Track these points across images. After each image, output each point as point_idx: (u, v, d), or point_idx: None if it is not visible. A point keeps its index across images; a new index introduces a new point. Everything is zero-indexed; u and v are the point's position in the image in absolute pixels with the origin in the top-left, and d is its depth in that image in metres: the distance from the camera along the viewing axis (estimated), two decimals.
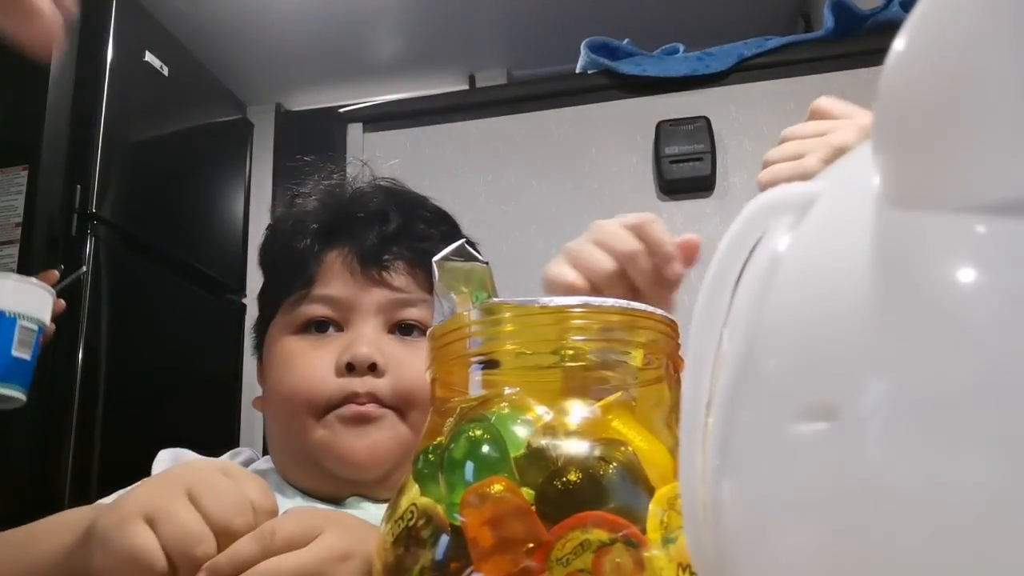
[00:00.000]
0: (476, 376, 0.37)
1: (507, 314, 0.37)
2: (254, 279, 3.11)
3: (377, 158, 1.52)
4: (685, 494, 0.28)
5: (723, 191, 1.43)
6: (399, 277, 0.76)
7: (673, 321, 0.39)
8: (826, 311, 0.23)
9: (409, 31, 2.99)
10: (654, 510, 0.32)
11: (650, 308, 0.38)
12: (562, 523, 0.30)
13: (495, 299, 0.40)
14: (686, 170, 1.42)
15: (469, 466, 0.33)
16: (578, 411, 0.36)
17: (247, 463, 0.80)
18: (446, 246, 0.82)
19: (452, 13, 2.85)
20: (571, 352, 0.37)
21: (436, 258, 0.41)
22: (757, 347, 0.25)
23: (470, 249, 0.43)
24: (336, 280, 0.75)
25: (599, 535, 0.30)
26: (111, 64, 2.16)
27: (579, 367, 0.37)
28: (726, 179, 1.44)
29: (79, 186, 2.06)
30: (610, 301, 0.37)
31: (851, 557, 0.21)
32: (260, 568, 0.43)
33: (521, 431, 0.34)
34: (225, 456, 0.81)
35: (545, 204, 1.50)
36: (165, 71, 2.40)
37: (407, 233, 0.78)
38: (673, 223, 1.45)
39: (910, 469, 0.20)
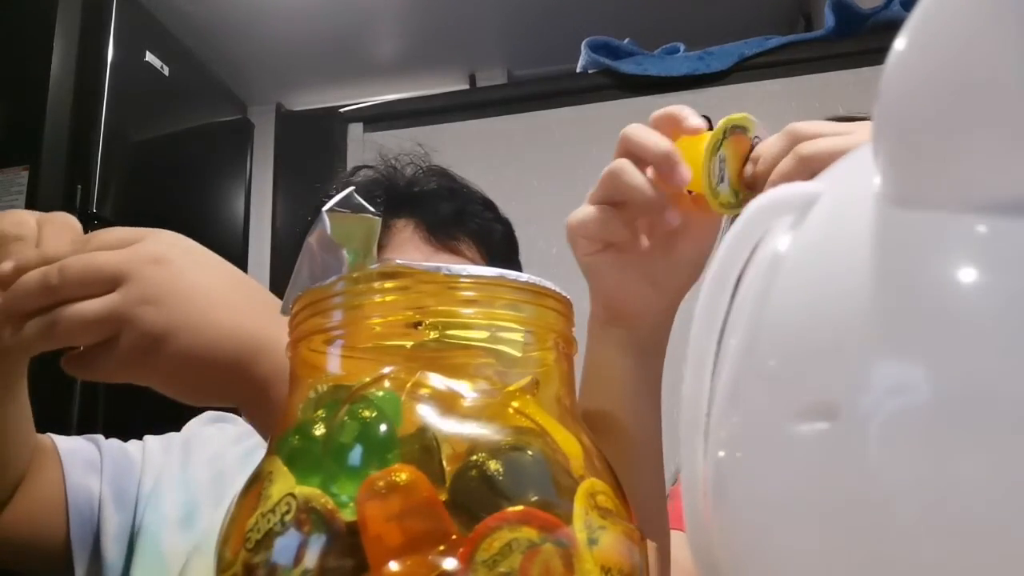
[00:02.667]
0: (335, 352, 0.33)
1: (377, 282, 0.32)
2: (254, 279, 3.11)
3: (377, 158, 1.52)
4: (686, 494, 0.28)
5: None
6: (468, 250, 0.79)
7: (566, 298, 0.35)
8: (826, 311, 0.23)
9: (409, 31, 2.99)
10: (578, 508, 0.29)
11: (545, 283, 0.33)
12: (487, 520, 0.27)
13: (375, 261, 0.35)
14: None
15: (360, 452, 0.29)
16: (479, 395, 0.31)
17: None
18: (504, 232, 0.85)
19: (452, 13, 2.85)
20: (451, 329, 0.32)
21: (325, 207, 0.36)
22: (757, 347, 0.25)
23: (359, 199, 0.37)
24: (407, 246, 0.77)
25: (528, 534, 0.27)
26: (111, 64, 2.16)
27: (460, 346, 0.32)
28: None
29: (79, 186, 2.06)
30: (501, 272, 0.32)
31: (851, 556, 0.21)
32: (69, 259, 0.41)
33: (416, 414, 0.30)
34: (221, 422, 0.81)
35: (545, 204, 1.49)
36: (165, 71, 2.40)
37: (468, 212, 0.82)
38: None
39: (910, 469, 0.20)
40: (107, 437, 0.74)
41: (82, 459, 0.68)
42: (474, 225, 0.81)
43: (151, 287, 0.41)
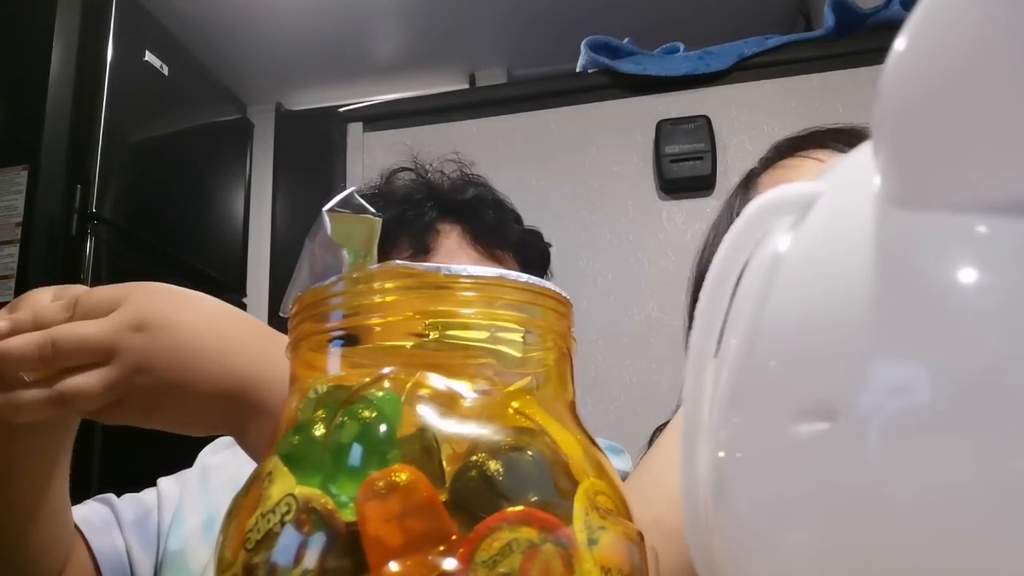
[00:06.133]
0: (336, 352, 0.33)
1: (378, 282, 0.32)
2: (254, 279, 3.10)
3: (377, 158, 1.52)
4: (685, 494, 0.28)
5: (723, 190, 1.43)
6: (509, 261, 0.81)
7: (566, 298, 0.35)
8: (827, 311, 0.23)
9: (409, 31, 2.99)
10: (578, 508, 0.29)
11: (545, 283, 0.34)
12: (487, 520, 0.27)
13: (375, 261, 0.35)
14: (686, 169, 1.42)
15: (360, 452, 0.29)
16: (479, 395, 0.31)
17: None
18: (534, 244, 0.86)
19: (452, 13, 2.85)
20: (452, 329, 0.32)
21: (326, 208, 0.36)
22: (757, 347, 0.25)
23: (359, 199, 0.37)
24: (458, 252, 0.79)
25: (528, 534, 0.27)
26: (111, 64, 2.16)
27: (460, 346, 0.32)
28: (726, 178, 1.44)
29: (79, 186, 2.06)
30: (501, 272, 0.33)
31: (851, 557, 0.21)
32: (59, 331, 0.44)
33: (416, 415, 0.30)
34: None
35: (545, 204, 1.49)
36: (165, 71, 2.40)
37: (507, 221, 0.85)
38: (674, 222, 1.45)
39: (910, 469, 0.20)
40: (103, 482, 0.74)
41: (99, 520, 0.70)
42: (514, 237, 0.84)
43: (138, 356, 0.44)
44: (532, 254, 0.87)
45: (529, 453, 0.30)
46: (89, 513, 0.70)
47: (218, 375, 0.45)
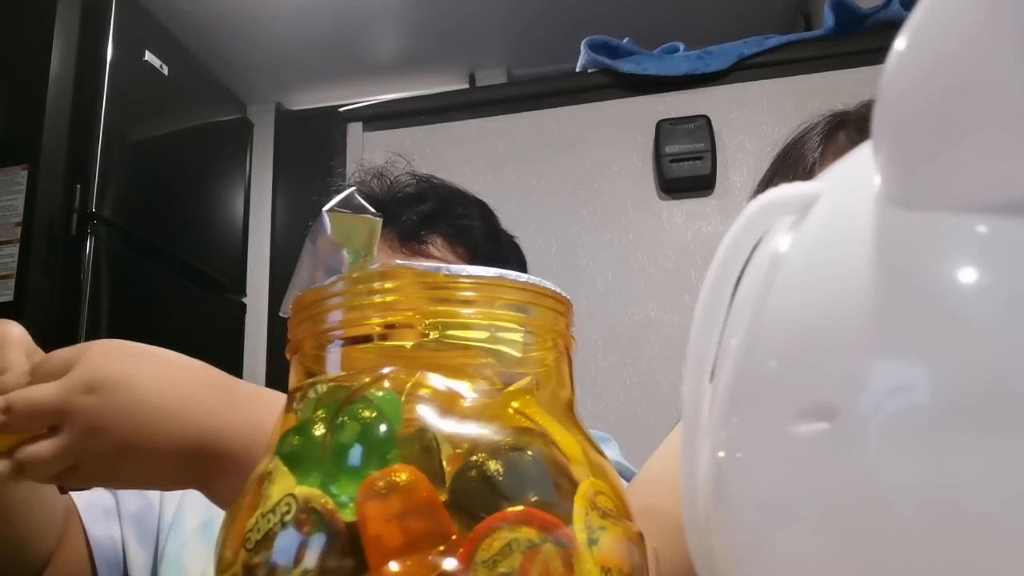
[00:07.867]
0: (335, 352, 0.33)
1: (378, 282, 0.32)
2: (254, 279, 3.10)
3: (377, 158, 1.52)
4: (685, 495, 0.28)
5: (723, 190, 1.43)
6: (438, 250, 0.80)
7: (566, 298, 0.35)
8: (827, 311, 0.23)
9: (409, 31, 2.98)
10: (578, 509, 0.29)
11: (545, 283, 0.34)
12: (487, 520, 0.27)
13: (375, 261, 0.35)
14: (686, 169, 1.43)
15: (360, 452, 0.29)
16: (479, 395, 0.31)
17: None
18: (484, 228, 0.85)
19: (452, 13, 2.85)
20: (452, 329, 0.32)
21: (326, 208, 0.36)
22: (757, 347, 0.25)
23: (359, 199, 0.37)
24: (378, 256, 0.78)
25: (528, 534, 0.27)
26: (111, 64, 2.16)
27: (460, 346, 0.32)
28: (726, 178, 1.44)
29: (79, 186, 2.06)
30: (501, 272, 0.33)
31: (850, 557, 0.21)
32: (14, 397, 0.42)
33: (416, 415, 0.30)
34: None
35: (545, 204, 1.50)
36: (165, 71, 2.40)
37: (445, 213, 0.83)
38: (674, 222, 1.45)
39: (910, 469, 0.20)
40: None
41: (100, 509, 0.70)
42: (445, 226, 0.82)
43: (89, 418, 0.42)
44: (474, 238, 0.83)
45: (529, 453, 0.30)
46: (92, 498, 0.70)
47: (177, 433, 0.44)
